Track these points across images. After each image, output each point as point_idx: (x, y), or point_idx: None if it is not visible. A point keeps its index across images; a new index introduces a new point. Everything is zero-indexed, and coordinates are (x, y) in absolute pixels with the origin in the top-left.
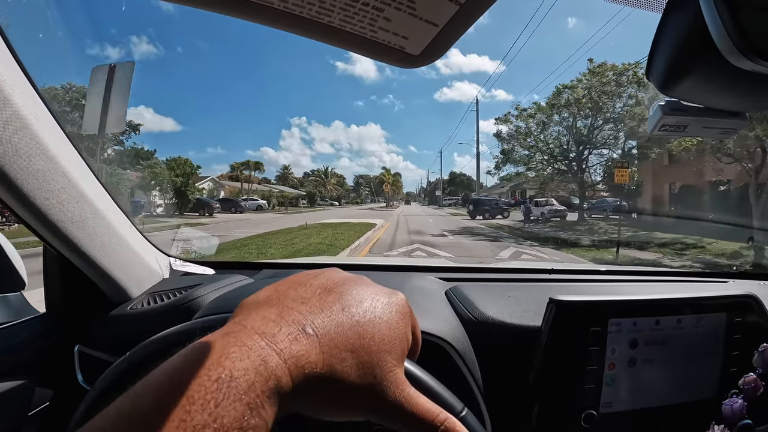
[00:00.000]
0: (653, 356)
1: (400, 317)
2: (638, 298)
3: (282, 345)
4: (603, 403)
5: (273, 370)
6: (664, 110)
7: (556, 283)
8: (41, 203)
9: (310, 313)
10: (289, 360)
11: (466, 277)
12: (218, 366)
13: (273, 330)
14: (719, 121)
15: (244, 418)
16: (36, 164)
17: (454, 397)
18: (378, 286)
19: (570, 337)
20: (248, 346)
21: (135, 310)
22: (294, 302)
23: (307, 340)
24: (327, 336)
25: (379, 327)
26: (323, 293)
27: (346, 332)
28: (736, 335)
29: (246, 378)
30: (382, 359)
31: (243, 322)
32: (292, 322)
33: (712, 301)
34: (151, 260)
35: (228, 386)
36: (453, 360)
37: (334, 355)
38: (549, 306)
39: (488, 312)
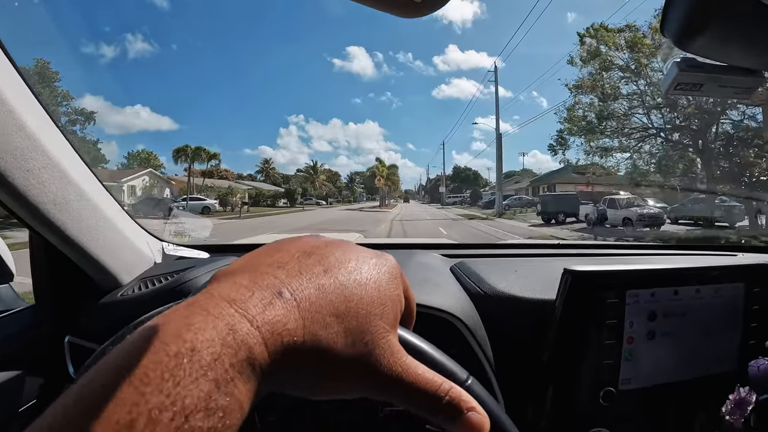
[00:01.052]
0: (672, 329)
1: (390, 278)
2: (657, 267)
3: (254, 311)
4: (622, 380)
5: (243, 338)
6: (680, 67)
7: (566, 258)
8: (20, 183)
9: (288, 275)
10: (262, 327)
11: (471, 253)
12: (177, 338)
13: (244, 296)
14: (735, 79)
15: (211, 397)
16: (14, 141)
17: (458, 365)
18: (363, 248)
19: (586, 310)
20: (214, 315)
21: (126, 296)
22: (269, 267)
23: (284, 304)
24: (307, 300)
25: (367, 289)
26: (302, 256)
27: (330, 295)
28: (755, 306)
29: (210, 350)
30: (372, 324)
31: (211, 290)
32: (266, 286)
33: (731, 271)
34: (142, 245)
35: (189, 361)
36: (463, 336)
37: (317, 320)
38: (564, 277)
39: (498, 285)
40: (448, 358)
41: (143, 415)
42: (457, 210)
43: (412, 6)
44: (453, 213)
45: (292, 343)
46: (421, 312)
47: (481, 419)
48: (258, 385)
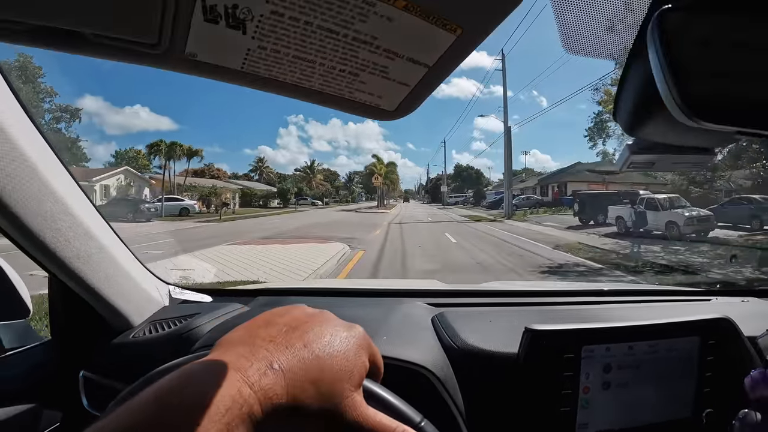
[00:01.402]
0: (627, 379)
1: (356, 348)
2: (610, 326)
3: (253, 379)
4: (579, 425)
5: (246, 399)
6: (631, 149)
7: (535, 306)
8: (50, 242)
9: (276, 350)
10: (259, 392)
11: (453, 302)
12: (203, 392)
13: (245, 365)
14: (687, 156)
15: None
16: (45, 206)
17: (412, 409)
18: (339, 321)
19: (544, 363)
20: (226, 378)
21: (137, 338)
22: (263, 341)
23: (274, 374)
24: (291, 371)
25: (337, 359)
26: (289, 331)
27: (308, 366)
28: (709, 357)
29: (224, 403)
30: (339, 387)
31: (220, 357)
32: (261, 359)
33: (685, 326)
34: (151, 289)
35: (210, 409)
36: (434, 387)
37: (297, 386)
38: (524, 334)
39: (469, 340)
40: (405, 403)
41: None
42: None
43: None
44: (457, 214)
45: (278, 404)
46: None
47: None
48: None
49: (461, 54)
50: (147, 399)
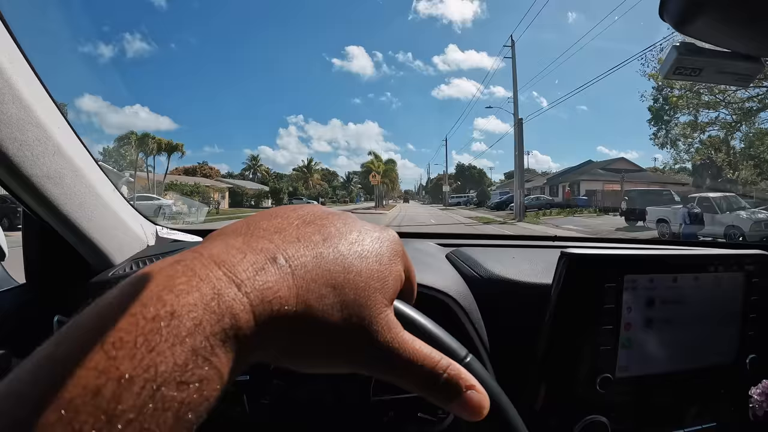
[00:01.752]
0: (670, 316)
1: (392, 253)
2: (655, 253)
3: (244, 275)
4: (619, 367)
5: (229, 304)
6: (679, 50)
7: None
8: (13, 153)
9: (284, 241)
10: (251, 293)
11: (466, 243)
12: (158, 301)
13: (235, 258)
14: (735, 65)
15: (187, 366)
16: (9, 110)
17: (457, 342)
18: (365, 222)
19: (583, 294)
20: (200, 276)
21: (116, 275)
22: (266, 231)
23: (278, 270)
24: (303, 268)
25: (368, 261)
26: (302, 224)
27: (328, 265)
28: (753, 297)
29: (192, 315)
30: (371, 298)
31: (200, 249)
32: (260, 250)
33: (730, 260)
34: (136, 227)
35: (167, 326)
36: (458, 317)
37: (312, 290)
38: (561, 259)
39: (494, 270)
40: (447, 334)
41: (112, 382)
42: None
43: None
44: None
45: (282, 312)
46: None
47: (481, 398)
48: (242, 356)
49: None
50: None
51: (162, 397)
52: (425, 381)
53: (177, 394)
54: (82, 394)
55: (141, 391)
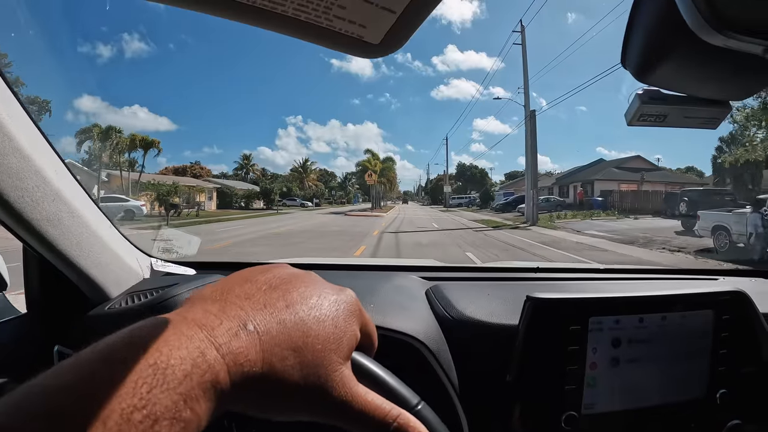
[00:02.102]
0: (637, 355)
1: (347, 315)
2: (619, 296)
3: (221, 339)
4: (585, 405)
5: (211, 363)
6: (642, 99)
7: (538, 282)
8: (15, 201)
9: (252, 309)
10: (227, 356)
11: (449, 276)
12: (155, 351)
13: (213, 323)
14: (700, 110)
15: (177, 408)
16: (10, 162)
17: (409, 390)
18: (326, 283)
19: (548, 336)
20: (187, 336)
21: (112, 309)
22: (238, 298)
23: (248, 336)
24: (268, 334)
25: (325, 325)
26: (268, 290)
27: (290, 330)
28: (724, 333)
29: (183, 367)
30: (326, 358)
31: (184, 313)
32: (233, 317)
33: (698, 298)
34: (131, 260)
35: (163, 373)
36: (427, 360)
37: (275, 353)
38: (526, 304)
39: (465, 310)
40: (401, 382)
41: (116, 413)
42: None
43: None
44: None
45: (251, 373)
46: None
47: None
48: (216, 406)
49: None
50: (90, 357)
51: (157, 430)
52: (376, 429)
53: (168, 430)
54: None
55: (139, 424)
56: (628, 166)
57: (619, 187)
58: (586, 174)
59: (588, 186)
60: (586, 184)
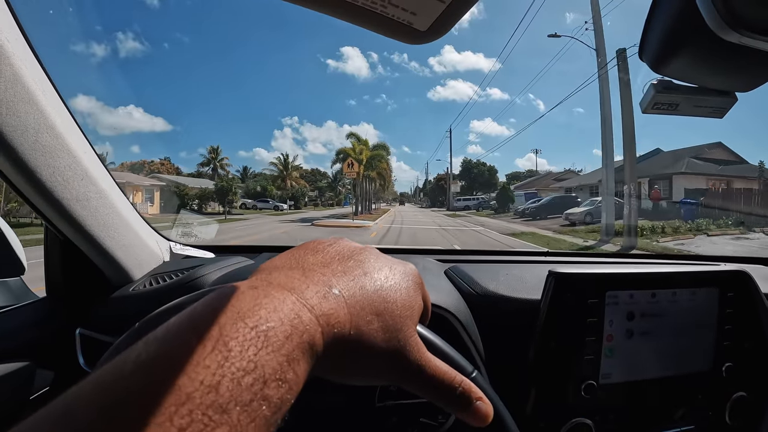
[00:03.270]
0: (649, 328)
1: (415, 285)
2: (635, 271)
3: (312, 301)
4: (602, 374)
5: (307, 325)
6: (656, 89)
7: (552, 264)
8: (47, 179)
9: (333, 275)
10: (320, 317)
11: (463, 258)
12: (254, 314)
13: (301, 287)
14: (709, 99)
15: (282, 370)
16: (43, 139)
17: (465, 360)
18: (390, 257)
19: (569, 309)
20: (280, 299)
21: (137, 291)
22: (315, 266)
23: (335, 300)
24: (353, 298)
25: (400, 293)
26: (342, 259)
27: (371, 295)
28: (728, 309)
29: (283, 329)
30: (404, 323)
31: (268, 278)
32: (318, 281)
33: (706, 276)
34: (152, 243)
35: (266, 335)
36: (457, 331)
37: (362, 316)
38: (548, 278)
39: (488, 286)
40: (457, 352)
41: (227, 378)
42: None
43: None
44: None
45: (341, 334)
46: None
47: (488, 408)
48: (312, 368)
49: None
50: (179, 326)
51: (265, 394)
52: (444, 393)
53: (275, 392)
54: (199, 388)
55: (251, 387)
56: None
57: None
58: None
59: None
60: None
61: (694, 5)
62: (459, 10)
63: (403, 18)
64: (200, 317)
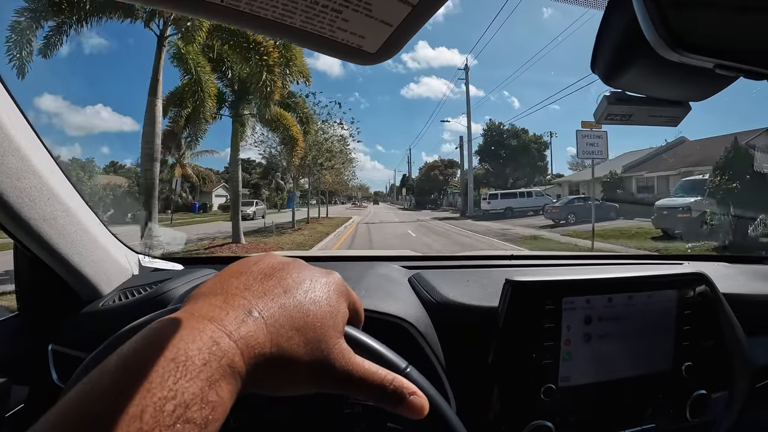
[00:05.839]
0: (607, 332)
1: (337, 294)
2: (590, 278)
3: (231, 327)
4: (561, 377)
5: (225, 350)
6: (609, 100)
7: (514, 268)
8: (14, 201)
9: (253, 297)
10: (239, 341)
11: (428, 264)
12: (173, 348)
13: (220, 314)
14: (663, 110)
15: (204, 393)
16: (9, 162)
17: (397, 356)
18: (314, 267)
19: (526, 315)
20: (198, 330)
21: (107, 306)
22: (237, 289)
23: (254, 322)
24: (272, 318)
25: (320, 305)
26: (264, 278)
27: (290, 312)
28: (687, 311)
29: (200, 357)
30: (326, 334)
31: (190, 310)
32: (237, 306)
33: (662, 279)
34: (121, 257)
35: (185, 365)
36: (416, 340)
37: (281, 334)
38: (505, 286)
39: (448, 295)
40: (389, 349)
41: (150, 407)
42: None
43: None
44: None
45: (262, 353)
46: (376, 318)
47: (422, 401)
48: (237, 387)
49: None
50: (109, 367)
51: (188, 417)
52: (376, 392)
53: (198, 414)
54: (126, 419)
55: (173, 412)
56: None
57: None
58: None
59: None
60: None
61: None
62: (407, 32)
63: (352, 42)
64: (126, 356)
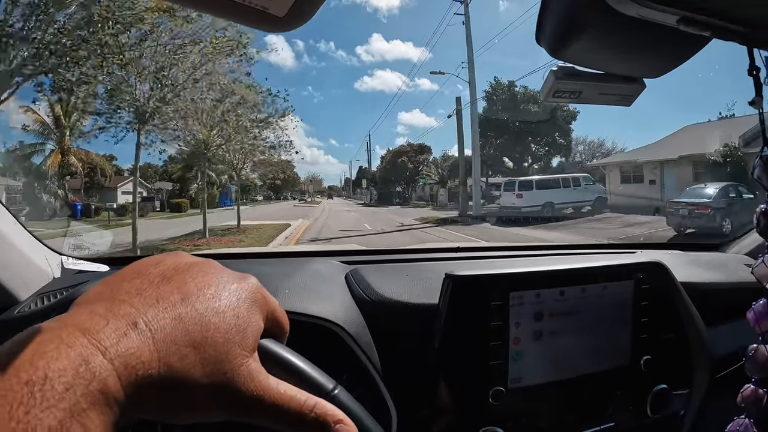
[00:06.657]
0: (560, 328)
1: (249, 303)
2: (539, 269)
3: (107, 342)
4: (511, 379)
5: (96, 370)
6: (557, 75)
7: (460, 261)
8: None
9: (143, 305)
10: (115, 359)
11: (370, 259)
12: (30, 366)
13: (98, 325)
14: (615, 87)
15: (63, 426)
16: None
17: (324, 375)
18: (227, 270)
19: (470, 313)
20: (67, 344)
21: (23, 312)
22: (128, 295)
23: (139, 336)
24: (162, 331)
25: (225, 317)
26: (161, 282)
27: (187, 325)
28: (644, 302)
29: (63, 380)
30: (230, 352)
31: (65, 318)
32: (121, 316)
33: (617, 269)
34: (40, 259)
35: (41, 390)
36: (347, 343)
37: (173, 352)
38: (445, 281)
39: (384, 292)
40: (315, 368)
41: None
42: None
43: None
44: None
45: (147, 375)
46: (301, 320)
47: (349, 430)
48: (114, 416)
49: None
50: None
51: None
52: (294, 421)
53: None
54: None
55: None
56: None
57: None
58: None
59: None
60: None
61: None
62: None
63: (257, 3)
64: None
